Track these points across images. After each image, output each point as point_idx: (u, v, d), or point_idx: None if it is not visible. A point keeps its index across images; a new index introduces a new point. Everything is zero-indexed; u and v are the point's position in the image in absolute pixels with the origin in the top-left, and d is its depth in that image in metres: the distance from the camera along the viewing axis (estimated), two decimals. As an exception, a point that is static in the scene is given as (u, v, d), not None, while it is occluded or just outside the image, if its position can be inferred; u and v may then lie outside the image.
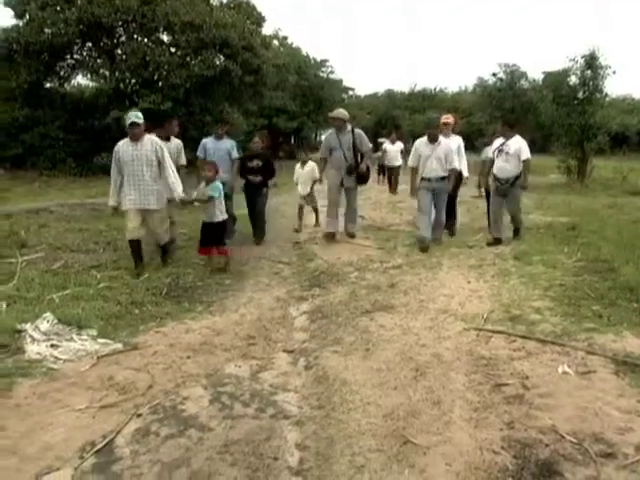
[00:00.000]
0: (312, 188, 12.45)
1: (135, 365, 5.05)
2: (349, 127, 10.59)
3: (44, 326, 5.68)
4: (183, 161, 9.83)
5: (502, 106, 32.72)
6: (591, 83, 23.26)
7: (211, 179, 8.37)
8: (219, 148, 10.67)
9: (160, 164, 8.03)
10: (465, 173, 11.26)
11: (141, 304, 6.70)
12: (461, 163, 10.93)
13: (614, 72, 23.10)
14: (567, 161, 24.21)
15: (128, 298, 6.82)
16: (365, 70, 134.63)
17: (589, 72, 23.13)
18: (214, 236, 8.41)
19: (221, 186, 8.49)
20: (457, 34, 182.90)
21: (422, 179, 10.14)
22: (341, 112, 10.73)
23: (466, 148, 11.61)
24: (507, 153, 9.95)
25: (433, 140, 10.12)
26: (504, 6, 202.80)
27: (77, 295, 6.85)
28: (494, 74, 34.63)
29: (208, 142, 10.87)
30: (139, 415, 4.16)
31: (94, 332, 5.74)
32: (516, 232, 10.56)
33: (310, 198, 12.57)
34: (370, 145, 11.05)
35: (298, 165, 12.76)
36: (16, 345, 5.39)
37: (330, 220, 10.91)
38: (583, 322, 5.97)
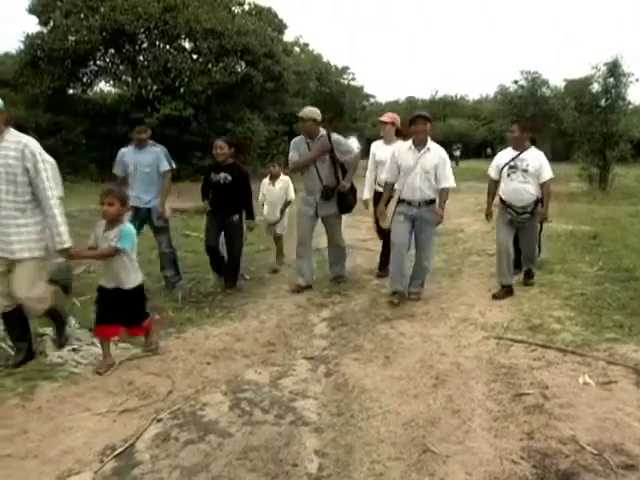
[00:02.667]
0: (283, 212, 9.22)
1: (155, 370, 5.08)
2: (323, 132, 7.60)
3: (66, 330, 5.72)
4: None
5: (523, 113, 32.54)
6: (613, 91, 23.10)
7: (115, 218, 5.13)
8: (141, 161, 7.57)
9: (31, 182, 4.83)
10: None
11: (161, 309, 6.73)
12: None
13: (637, 80, 22.95)
14: (589, 169, 24.02)
15: (148, 303, 6.85)
16: (386, 77, 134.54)
17: (611, 80, 22.98)
18: (123, 310, 5.19)
19: (134, 231, 5.35)
20: (479, 41, 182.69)
21: (399, 201, 7.14)
22: (312, 111, 7.71)
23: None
24: (525, 171, 7.24)
25: (420, 145, 6.98)
26: (526, 13, 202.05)
27: (98, 300, 6.88)
28: (515, 81, 34.57)
29: (126, 153, 7.74)
30: (159, 420, 4.18)
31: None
32: (529, 275, 7.95)
33: (280, 226, 9.31)
34: (356, 149, 8.42)
35: (266, 180, 9.29)
36: (38, 349, 5.45)
37: (299, 264, 7.92)
38: (604, 332, 5.93)
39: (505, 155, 7.58)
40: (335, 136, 7.63)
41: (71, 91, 28.36)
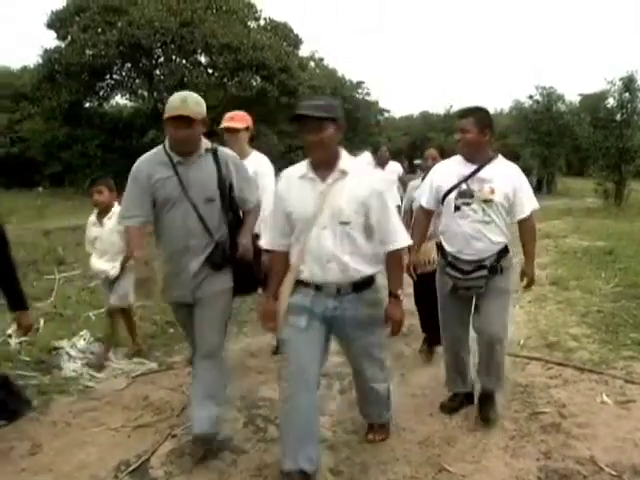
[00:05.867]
0: (125, 265, 5.56)
1: (170, 385, 5.09)
2: (207, 145, 3.98)
3: (81, 344, 5.76)
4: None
5: (538, 128, 32.51)
6: (629, 106, 23.11)
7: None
8: None
9: None
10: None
11: (176, 324, 6.73)
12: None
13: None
14: (604, 184, 23.95)
15: (163, 317, 6.84)
16: (401, 92, 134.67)
17: (627, 95, 22.99)
18: None
19: None
20: (493, 56, 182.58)
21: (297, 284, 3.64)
22: (190, 104, 3.78)
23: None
24: (487, 201, 4.19)
25: (323, 169, 3.66)
26: (541, 28, 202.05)
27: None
28: (530, 96, 34.48)
29: None
30: (174, 436, 4.18)
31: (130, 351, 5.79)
32: (486, 398, 4.46)
33: (117, 291, 5.67)
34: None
35: (92, 217, 5.80)
36: (53, 362, 5.46)
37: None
38: (621, 350, 5.87)
39: (451, 170, 4.37)
40: (226, 154, 4.06)
41: (88, 104, 28.69)
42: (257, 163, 5.40)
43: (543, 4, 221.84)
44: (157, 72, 27.64)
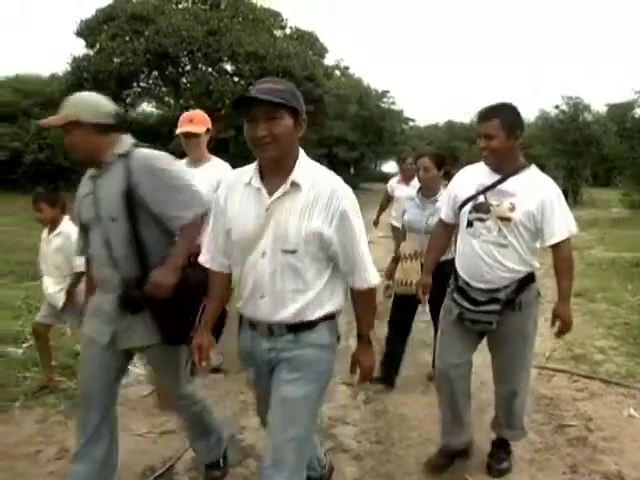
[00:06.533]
0: (72, 290, 4.88)
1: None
2: (125, 147, 3.13)
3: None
4: None
5: (564, 139, 32.31)
6: (657, 115, 22.90)
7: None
8: None
9: None
10: None
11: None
12: None
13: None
14: (631, 195, 23.72)
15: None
16: (426, 101, 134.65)
17: (655, 104, 22.78)
18: None
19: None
20: (519, 65, 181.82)
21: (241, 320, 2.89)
22: (78, 102, 3.08)
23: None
24: (505, 219, 3.48)
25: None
26: (569, 38, 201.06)
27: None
28: (557, 106, 34.30)
29: None
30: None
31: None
32: (503, 445, 3.98)
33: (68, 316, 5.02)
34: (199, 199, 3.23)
35: (44, 232, 5.13)
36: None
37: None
38: (649, 363, 5.81)
39: (472, 179, 3.71)
40: (142, 155, 3.14)
41: (115, 112, 28.98)
42: (220, 169, 4.79)
43: (572, 14, 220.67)
44: (183, 80, 27.98)
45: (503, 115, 3.47)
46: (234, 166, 2.93)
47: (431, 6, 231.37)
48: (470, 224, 3.60)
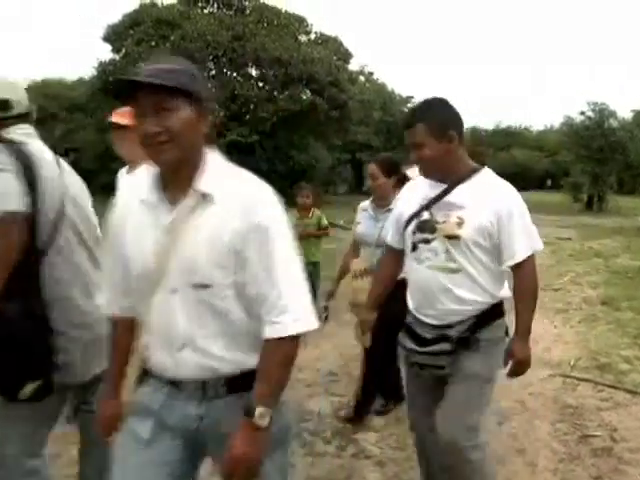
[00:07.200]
0: None
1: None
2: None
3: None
4: None
5: (589, 145, 32.07)
6: (684, 123, 22.66)
7: None
8: None
9: None
10: None
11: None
12: None
13: None
14: (658, 202, 23.51)
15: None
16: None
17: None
18: None
19: None
20: (544, 71, 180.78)
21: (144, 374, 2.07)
22: None
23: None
24: (453, 238, 2.78)
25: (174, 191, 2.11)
26: (592, 44, 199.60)
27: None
28: (582, 112, 34.05)
29: None
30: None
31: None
32: None
33: None
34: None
35: None
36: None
37: None
38: (675, 374, 5.76)
39: (417, 192, 3.01)
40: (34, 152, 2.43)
41: (140, 116, 29.29)
42: None
43: (598, 21, 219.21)
44: (209, 85, 28.12)
45: (427, 117, 2.78)
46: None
47: (455, 7, 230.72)
48: (415, 247, 2.92)
